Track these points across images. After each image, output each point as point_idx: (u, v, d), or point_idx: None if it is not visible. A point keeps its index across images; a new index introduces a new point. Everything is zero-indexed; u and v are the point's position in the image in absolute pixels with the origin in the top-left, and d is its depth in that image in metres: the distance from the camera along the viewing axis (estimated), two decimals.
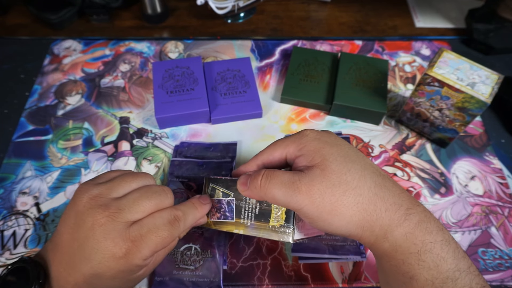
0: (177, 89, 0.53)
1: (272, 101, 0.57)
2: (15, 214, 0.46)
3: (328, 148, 0.32)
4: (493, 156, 0.52)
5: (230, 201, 0.36)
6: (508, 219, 0.47)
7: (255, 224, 0.35)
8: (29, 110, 0.56)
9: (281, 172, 0.32)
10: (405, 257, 0.29)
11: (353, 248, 0.42)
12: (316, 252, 0.42)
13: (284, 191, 0.31)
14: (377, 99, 0.53)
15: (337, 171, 0.31)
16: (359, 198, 0.30)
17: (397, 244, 0.29)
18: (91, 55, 0.62)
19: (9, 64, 0.61)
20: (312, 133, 0.34)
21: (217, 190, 0.37)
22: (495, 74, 0.45)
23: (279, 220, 0.35)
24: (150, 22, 0.68)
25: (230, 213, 0.36)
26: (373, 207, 0.30)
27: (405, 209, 0.30)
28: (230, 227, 0.36)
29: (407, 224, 0.29)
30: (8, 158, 0.51)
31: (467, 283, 0.28)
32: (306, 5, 0.72)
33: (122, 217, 0.30)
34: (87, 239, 0.30)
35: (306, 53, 0.59)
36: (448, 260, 0.28)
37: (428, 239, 0.29)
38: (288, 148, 0.34)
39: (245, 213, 0.36)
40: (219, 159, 0.49)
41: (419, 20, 0.69)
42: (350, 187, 0.30)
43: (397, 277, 0.30)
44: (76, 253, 0.30)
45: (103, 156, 0.51)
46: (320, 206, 0.30)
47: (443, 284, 0.28)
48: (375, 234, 0.30)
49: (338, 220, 0.30)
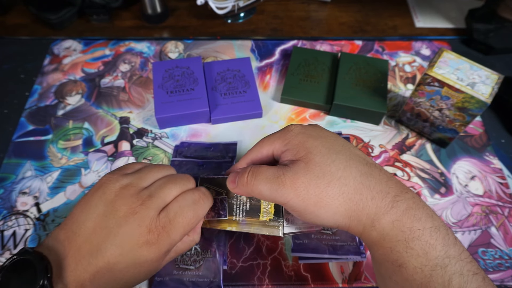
0: (177, 89, 0.53)
1: (272, 101, 0.57)
2: (15, 214, 0.46)
3: (311, 141, 0.32)
4: (493, 156, 0.52)
5: (223, 199, 0.37)
6: (508, 219, 0.47)
7: (246, 220, 0.36)
8: (29, 110, 0.56)
9: (265, 168, 0.32)
10: (393, 245, 0.29)
11: (353, 248, 0.42)
12: (316, 252, 0.42)
13: (270, 186, 0.31)
14: (377, 99, 0.53)
15: (321, 163, 0.31)
16: (344, 188, 0.30)
17: (384, 232, 0.29)
18: (91, 55, 0.62)
19: (9, 64, 0.61)
20: (296, 128, 0.34)
21: (210, 189, 0.37)
22: (495, 74, 0.45)
23: (269, 214, 0.35)
24: (150, 22, 0.68)
25: (223, 211, 0.37)
26: (359, 196, 0.30)
27: (392, 196, 0.30)
28: (224, 224, 0.37)
29: (394, 212, 0.29)
30: (8, 158, 0.51)
31: (457, 270, 0.27)
32: (306, 5, 0.72)
33: (153, 203, 0.32)
34: (120, 227, 0.30)
35: (306, 53, 0.59)
36: (437, 247, 0.28)
37: (416, 226, 0.29)
38: (274, 144, 0.35)
39: (237, 210, 0.36)
40: (219, 159, 0.49)
41: (419, 20, 0.69)
42: (335, 178, 0.30)
43: (387, 265, 0.30)
44: (104, 241, 0.30)
45: (103, 156, 0.51)
46: (306, 198, 0.30)
47: (432, 272, 0.28)
48: (363, 223, 0.30)
49: (325, 212, 0.30)
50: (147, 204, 0.31)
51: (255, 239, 0.44)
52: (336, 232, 0.43)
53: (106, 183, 0.32)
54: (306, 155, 0.31)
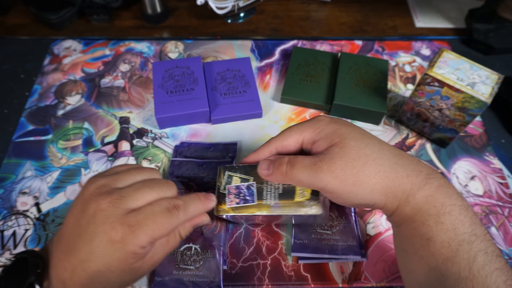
0: (177, 89, 0.53)
1: (272, 101, 0.57)
2: (15, 214, 0.46)
3: (345, 128, 0.34)
4: (493, 156, 0.52)
5: (250, 185, 0.38)
6: (508, 219, 0.47)
7: (279, 203, 0.37)
8: (29, 110, 0.56)
9: (302, 157, 0.34)
10: (424, 219, 0.30)
11: (353, 248, 0.42)
12: (316, 252, 0.42)
13: (308, 173, 0.32)
14: (377, 99, 0.53)
15: (356, 146, 0.32)
16: (380, 168, 0.32)
17: (418, 207, 0.31)
18: (91, 55, 0.62)
19: (9, 64, 0.61)
20: (326, 118, 0.36)
21: (234, 177, 0.38)
22: (495, 74, 0.45)
23: (305, 195, 0.36)
24: (150, 22, 0.68)
25: (250, 197, 0.37)
26: (395, 174, 0.31)
27: (426, 174, 0.32)
28: (252, 209, 0.37)
29: (428, 188, 0.31)
30: (8, 158, 0.51)
31: (482, 248, 0.29)
32: (306, 5, 0.72)
33: (122, 203, 0.31)
34: (89, 224, 0.30)
35: (306, 53, 0.59)
36: (466, 224, 0.29)
37: (448, 202, 0.30)
38: (304, 133, 0.35)
39: (267, 194, 0.37)
40: (219, 159, 0.49)
41: (419, 20, 0.69)
42: (370, 159, 0.32)
43: (415, 240, 0.31)
44: (77, 239, 0.31)
45: (103, 156, 0.51)
46: (343, 179, 0.31)
47: (458, 247, 0.29)
48: (398, 199, 0.31)
49: (362, 190, 0.32)
50: (115, 203, 0.31)
51: (255, 239, 0.44)
52: (336, 232, 0.43)
53: (85, 184, 0.33)
54: (341, 141, 0.33)
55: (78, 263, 0.30)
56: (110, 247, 0.30)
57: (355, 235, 0.43)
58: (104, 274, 0.30)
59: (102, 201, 0.31)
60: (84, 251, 0.30)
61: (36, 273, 0.30)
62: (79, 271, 0.30)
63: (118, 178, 0.34)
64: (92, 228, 0.30)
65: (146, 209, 0.31)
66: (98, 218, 0.30)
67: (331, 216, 0.44)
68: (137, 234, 0.30)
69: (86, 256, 0.30)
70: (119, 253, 0.30)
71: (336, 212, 0.45)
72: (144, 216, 0.31)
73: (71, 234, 0.31)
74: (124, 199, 0.31)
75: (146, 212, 0.31)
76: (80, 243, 0.30)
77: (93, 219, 0.30)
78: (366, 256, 0.43)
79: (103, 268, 0.30)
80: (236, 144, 0.51)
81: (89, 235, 0.30)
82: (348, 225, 0.44)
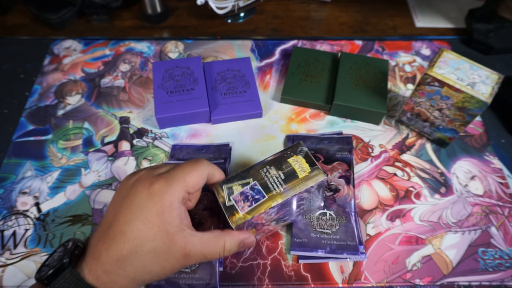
0: (177, 89, 0.53)
1: (272, 101, 0.57)
2: (15, 214, 0.46)
3: None
4: (493, 156, 0.52)
5: (253, 186, 0.38)
6: (508, 219, 0.47)
7: (288, 187, 0.37)
8: (29, 110, 0.56)
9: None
10: None
11: (352, 248, 0.42)
12: (315, 250, 0.42)
13: None
14: (377, 99, 0.53)
15: None
16: None
17: None
18: (91, 55, 0.62)
19: (9, 64, 0.61)
20: None
21: (233, 186, 0.38)
22: (495, 74, 0.45)
23: (305, 170, 0.38)
24: (150, 22, 0.68)
25: (259, 194, 0.37)
26: None
27: None
28: (267, 204, 0.37)
29: None
30: (8, 158, 0.51)
31: None
32: (306, 5, 0.72)
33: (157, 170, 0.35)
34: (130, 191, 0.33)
35: (306, 53, 0.59)
36: None
37: None
38: None
39: (273, 185, 0.38)
40: (212, 160, 0.49)
41: (419, 20, 0.69)
42: None
43: None
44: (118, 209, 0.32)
45: (103, 156, 0.51)
46: None
47: None
48: None
49: None
50: (151, 170, 0.35)
51: None
52: (336, 231, 0.43)
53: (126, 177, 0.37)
54: None
55: (117, 231, 0.31)
56: (149, 201, 0.32)
57: (355, 235, 0.43)
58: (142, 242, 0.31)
59: (139, 173, 0.35)
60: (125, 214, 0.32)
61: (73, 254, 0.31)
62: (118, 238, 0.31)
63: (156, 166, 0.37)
64: (133, 191, 0.33)
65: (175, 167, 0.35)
66: (138, 182, 0.33)
67: (331, 216, 0.44)
68: (171, 183, 0.33)
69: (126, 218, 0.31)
70: (158, 206, 0.32)
71: (336, 212, 0.45)
72: (174, 170, 0.35)
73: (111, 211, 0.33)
74: (156, 168, 0.36)
75: (175, 167, 0.35)
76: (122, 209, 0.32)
77: (133, 186, 0.33)
78: (366, 256, 0.43)
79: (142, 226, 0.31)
80: (228, 145, 0.51)
81: (131, 198, 0.32)
82: (348, 224, 0.44)
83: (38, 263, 0.43)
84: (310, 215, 0.44)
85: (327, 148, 0.50)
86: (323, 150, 0.50)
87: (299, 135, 0.52)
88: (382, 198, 0.48)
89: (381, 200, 0.48)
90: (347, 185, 0.46)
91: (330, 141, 0.51)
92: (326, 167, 0.48)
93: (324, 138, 0.51)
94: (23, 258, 0.43)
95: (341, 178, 0.47)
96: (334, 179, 0.47)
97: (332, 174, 0.48)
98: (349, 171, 0.48)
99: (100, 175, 0.49)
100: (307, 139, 0.51)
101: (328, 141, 0.51)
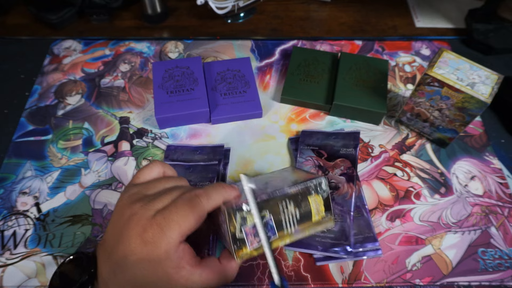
0: (177, 89, 0.53)
1: (272, 101, 0.57)
2: (15, 214, 0.46)
3: None
4: (493, 156, 0.52)
5: (267, 221, 0.35)
6: (508, 219, 0.47)
7: (299, 229, 0.36)
8: (29, 110, 0.56)
9: None
10: None
11: (345, 248, 0.42)
12: (308, 248, 0.42)
13: None
14: (377, 99, 0.53)
15: None
16: None
17: None
18: (91, 55, 0.62)
19: (9, 64, 0.61)
20: None
21: (248, 217, 0.34)
22: (495, 74, 0.45)
23: (320, 212, 0.36)
24: (150, 22, 0.68)
25: (271, 231, 0.35)
26: None
27: None
28: (275, 243, 0.35)
29: None
30: (8, 158, 0.51)
31: None
32: (306, 5, 0.72)
33: (151, 205, 0.33)
34: (124, 229, 0.32)
35: (306, 53, 0.59)
36: None
37: None
38: None
39: (286, 224, 0.35)
40: (206, 161, 0.49)
41: (419, 20, 0.69)
42: None
43: None
44: (116, 243, 0.32)
45: (103, 156, 0.51)
46: None
47: None
48: None
49: None
50: (146, 206, 0.33)
51: None
52: (330, 231, 0.43)
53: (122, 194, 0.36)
54: None
55: (117, 266, 0.32)
56: (145, 248, 0.31)
57: (349, 235, 0.43)
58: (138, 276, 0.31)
59: (134, 206, 0.33)
60: (120, 253, 0.31)
61: (90, 272, 0.32)
62: (118, 273, 0.31)
63: (148, 185, 0.36)
64: (127, 232, 0.32)
65: (170, 205, 0.33)
66: (132, 222, 0.32)
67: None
68: (166, 231, 0.31)
69: (123, 260, 0.31)
70: (153, 254, 0.31)
71: (333, 211, 0.45)
72: (169, 212, 0.32)
73: (110, 239, 0.33)
74: (154, 201, 0.33)
75: (170, 208, 0.32)
76: (119, 245, 0.32)
77: (128, 224, 0.32)
78: (366, 256, 0.43)
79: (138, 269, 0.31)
80: (223, 147, 0.51)
81: (126, 238, 0.32)
82: (343, 224, 0.44)
83: (38, 263, 0.43)
84: None
85: (332, 144, 0.50)
86: (327, 146, 0.50)
87: (306, 131, 0.52)
88: (382, 198, 0.48)
89: (381, 200, 0.48)
90: (347, 183, 0.46)
91: (337, 136, 0.51)
92: (328, 163, 0.48)
93: (331, 134, 0.51)
94: (23, 258, 0.43)
95: (342, 176, 0.47)
96: (334, 177, 0.47)
97: (333, 171, 0.47)
98: (351, 168, 0.47)
99: (100, 175, 0.49)
100: (314, 135, 0.51)
101: (335, 137, 0.51)
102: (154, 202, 0.33)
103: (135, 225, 0.32)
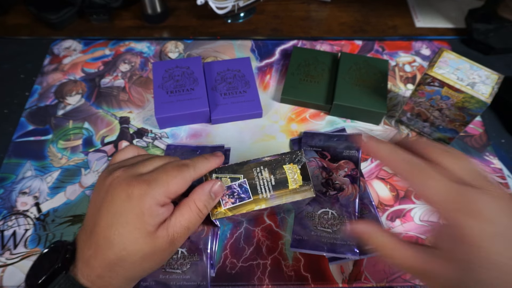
0: (177, 89, 0.53)
1: (272, 101, 0.57)
2: (15, 214, 0.46)
3: None
4: (493, 156, 0.52)
5: (242, 183, 0.37)
6: None
7: (275, 194, 0.37)
8: (29, 110, 0.56)
9: None
10: None
11: (351, 248, 0.42)
12: (315, 249, 0.42)
13: None
14: (377, 99, 0.53)
15: None
16: None
17: None
18: (91, 55, 0.62)
19: (9, 64, 0.61)
20: None
21: (222, 178, 0.38)
22: (495, 74, 0.45)
23: (297, 181, 0.38)
24: (150, 22, 0.68)
25: (245, 194, 0.37)
26: None
27: None
28: (250, 206, 0.37)
29: None
30: (8, 158, 0.51)
31: None
32: (306, 5, 0.72)
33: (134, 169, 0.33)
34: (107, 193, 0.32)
35: (306, 53, 0.59)
36: None
37: None
38: None
39: (262, 188, 0.37)
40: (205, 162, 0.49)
41: (419, 20, 0.69)
42: None
43: None
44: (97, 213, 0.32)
45: (103, 156, 0.51)
46: None
47: None
48: None
49: None
50: (127, 169, 0.33)
51: (255, 239, 0.44)
52: (337, 231, 0.43)
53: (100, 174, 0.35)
54: None
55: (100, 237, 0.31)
56: (128, 203, 0.31)
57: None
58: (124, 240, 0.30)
59: (115, 172, 0.33)
60: (105, 218, 0.31)
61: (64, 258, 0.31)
62: (102, 244, 0.30)
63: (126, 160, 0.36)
64: (110, 192, 0.31)
65: (158, 168, 0.33)
66: (115, 183, 0.32)
67: (333, 215, 0.44)
68: (153, 186, 0.31)
69: (107, 222, 0.31)
70: (137, 209, 0.31)
71: (338, 211, 0.45)
72: (157, 172, 0.33)
73: (91, 214, 0.32)
74: (135, 166, 0.33)
75: (158, 169, 0.33)
76: (101, 213, 0.31)
77: (110, 187, 0.32)
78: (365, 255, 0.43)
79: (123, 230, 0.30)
80: (223, 147, 0.51)
81: (109, 200, 0.31)
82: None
83: None
84: (312, 213, 0.44)
85: (335, 146, 0.50)
86: (330, 148, 0.50)
87: (309, 132, 0.52)
88: (382, 198, 0.48)
89: (381, 200, 0.48)
90: (352, 185, 0.46)
91: (339, 138, 0.51)
92: (332, 165, 0.48)
93: (333, 136, 0.51)
94: (23, 258, 0.43)
95: (347, 177, 0.47)
96: (339, 178, 0.47)
97: (337, 173, 0.47)
98: (355, 170, 0.47)
99: None
100: (315, 136, 0.51)
101: (337, 139, 0.51)
102: (137, 166, 0.33)
103: (119, 184, 0.31)
